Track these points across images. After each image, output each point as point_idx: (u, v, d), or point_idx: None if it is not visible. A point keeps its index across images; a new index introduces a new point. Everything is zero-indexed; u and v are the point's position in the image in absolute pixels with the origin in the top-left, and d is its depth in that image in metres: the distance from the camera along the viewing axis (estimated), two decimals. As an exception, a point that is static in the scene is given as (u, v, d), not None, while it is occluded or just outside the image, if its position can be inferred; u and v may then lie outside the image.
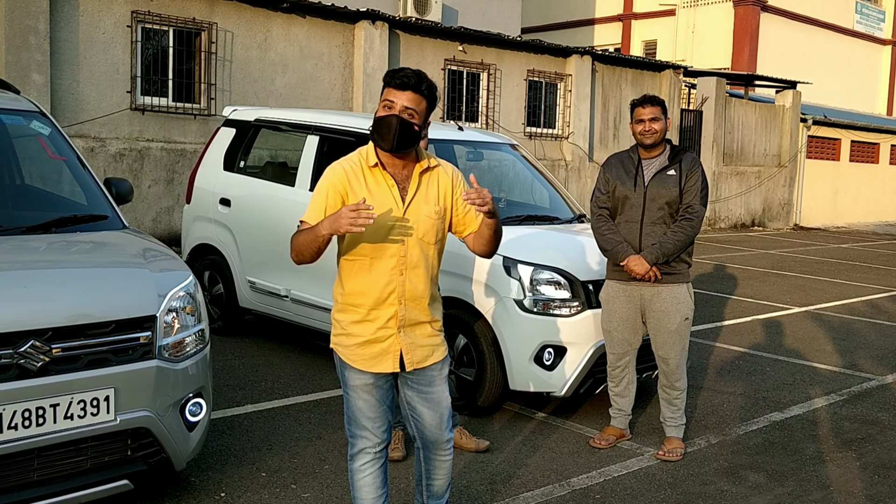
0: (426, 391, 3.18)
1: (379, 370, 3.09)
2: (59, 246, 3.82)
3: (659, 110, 4.65)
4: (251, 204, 6.73)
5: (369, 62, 12.99)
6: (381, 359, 3.09)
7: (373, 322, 3.07)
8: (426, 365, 3.16)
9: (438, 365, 3.20)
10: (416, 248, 3.07)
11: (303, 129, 6.64)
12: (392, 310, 3.07)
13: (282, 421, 5.07)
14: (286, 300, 6.37)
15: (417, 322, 3.12)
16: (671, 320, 4.67)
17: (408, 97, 2.98)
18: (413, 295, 3.08)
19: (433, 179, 3.14)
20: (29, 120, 4.42)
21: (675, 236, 4.59)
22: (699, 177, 4.64)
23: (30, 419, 3.12)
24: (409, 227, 3.05)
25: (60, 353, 3.19)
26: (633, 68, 17.53)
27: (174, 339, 3.59)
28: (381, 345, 3.08)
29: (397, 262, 3.05)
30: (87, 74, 10.49)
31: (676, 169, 4.66)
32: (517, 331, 5.09)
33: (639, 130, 4.68)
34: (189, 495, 3.97)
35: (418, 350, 3.13)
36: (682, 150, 4.75)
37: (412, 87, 2.98)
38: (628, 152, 4.84)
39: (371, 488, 3.18)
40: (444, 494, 3.38)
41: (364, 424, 3.14)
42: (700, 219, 4.64)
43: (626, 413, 4.99)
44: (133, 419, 3.38)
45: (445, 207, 3.14)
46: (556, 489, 4.29)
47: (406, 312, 3.09)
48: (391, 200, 3.05)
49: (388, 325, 3.07)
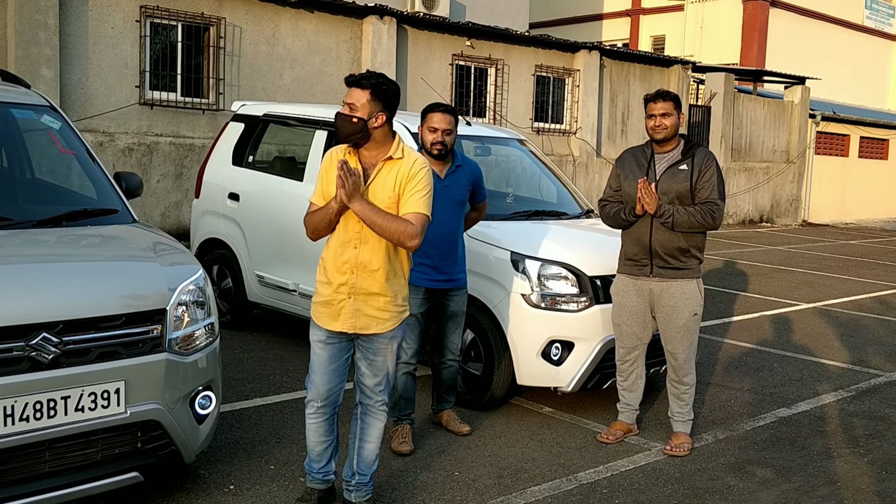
0: (371, 358, 3.65)
1: (328, 328, 3.58)
2: (70, 240, 3.84)
3: (671, 105, 4.65)
4: (260, 198, 6.75)
5: (377, 57, 12.99)
6: (333, 318, 3.58)
7: (330, 285, 3.58)
8: (369, 333, 3.58)
9: (385, 337, 3.62)
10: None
11: (311, 124, 6.66)
12: (344, 277, 3.55)
13: (290, 414, 5.09)
14: (294, 294, 6.39)
15: (370, 293, 3.55)
16: (680, 315, 4.68)
17: (350, 93, 3.52)
18: (365, 267, 3.53)
19: (394, 169, 3.55)
20: (40, 114, 4.44)
21: (692, 213, 4.57)
22: (714, 171, 4.63)
23: (41, 411, 3.14)
24: None
25: (72, 345, 3.21)
26: (642, 63, 17.49)
27: (184, 332, 3.61)
28: (335, 306, 3.57)
29: (353, 237, 3.53)
30: (95, 69, 10.53)
31: (689, 164, 4.65)
32: (525, 326, 5.10)
33: (650, 125, 4.69)
34: (198, 488, 3.99)
35: (363, 318, 3.56)
36: (695, 145, 4.75)
37: (354, 83, 3.53)
38: (642, 147, 4.86)
39: (315, 434, 3.72)
40: (373, 464, 3.77)
41: (313, 378, 3.66)
42: (721, 213, 4.63)
43: (634, 408, 5.00)
44: (143, 412, 3.40)
45: (392, 195, 3.53)
46: (564, 483, 4.30)
47: (357, 281, 3.53)
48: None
49: (340, 291, 3.55)
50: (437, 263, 4.63)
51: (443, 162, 4.68)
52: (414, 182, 3.54)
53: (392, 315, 3.61)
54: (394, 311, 3.61)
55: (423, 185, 3.56)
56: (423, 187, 3.56)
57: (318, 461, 3.78)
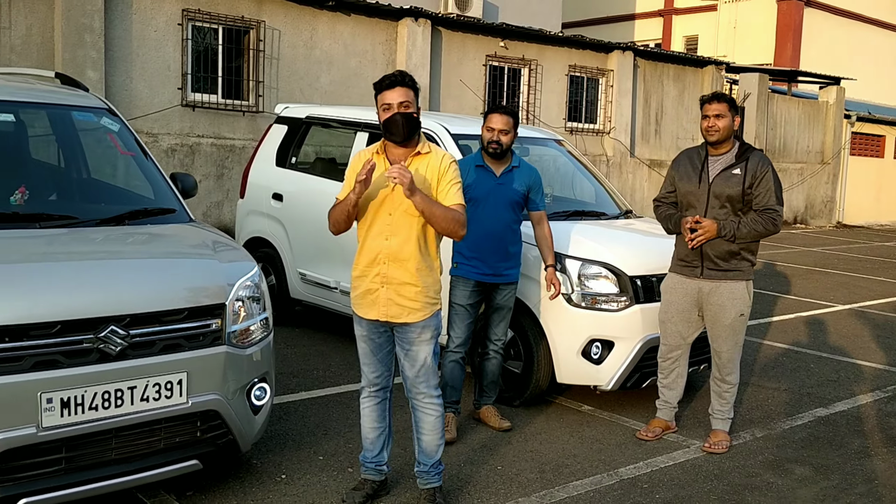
0: (406, 348, 3.77)
1: (366, 317, 3.76)
2: (134, 237, 4.01)
3: (726, 107, 4.70)
4: (302, 198, 6.90)
5: (412, 59, 13.13)
6: (370, 308, 3.74)
7: (365, 277, 3.74)
8: (401, 322, 3.71)
9: (417, 327, 3.73)
10: (402, 218, 3.66)
11: (352, 125, 6.81)
12: (377, 268, 3.70)
13: (334, 408, 5.23)
14: (336, 291, 6.53)
15: (402, 282, 3.68)
16: (727, 315, 4.74)
17: (399, 93, 3.62)
18: (396, 257, 3.67)
19: (423, 163, 3.71)
20: (99, 116, 4.62)
21: (754, 224, 4.63)
22: (770, 176, 4.66)
23: (109, 401, 3.30)
24: (396, 201, 3.64)
25: (138, 338, 3.37)
26: (675, 64, 17.46)
27: (241, 326, 3.76)
28: (371, 296, 3.73)
29: (384, 229, 3.68)
30: (139, 71, 10.77)
31: (742, 168, 4.69)
32: (565, 325, 5.19)
33: (704, 127, 4.75)
34: (252, 477, 4.14)
35: (395, 307, 3.70)
36: (749, 149, 4.77)
37: (399, 83, 3.63)
38: (697, 148, 4.93)
39: (368, 419, 3.93)
40: (435, 454, 3.87)
41: (362, 367, 3.89)
42: (781, 218, 4.69)
43: (673, 406, 5.07)
44: (203, 402, 3.55)
45: (430, 187, 3.67)
46: (605, 478, 4.39)
47: (388, 271, 3.67)
48: (384, 178, 3.63)
49: (375, 281, 3.71)
50: (487, 258, 4.78)
51: (499, 161, 4.84)
52: (448, 176, 3.69)
53: (423, 305, 3.72)
54: (424, 302, 3.73)
55: (457, 178, 3.74)
56: (458, 180, 3.74)
57: (371, 450, 3.93)
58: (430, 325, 3.77)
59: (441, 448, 3.89)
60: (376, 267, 3.70)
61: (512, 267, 4.95)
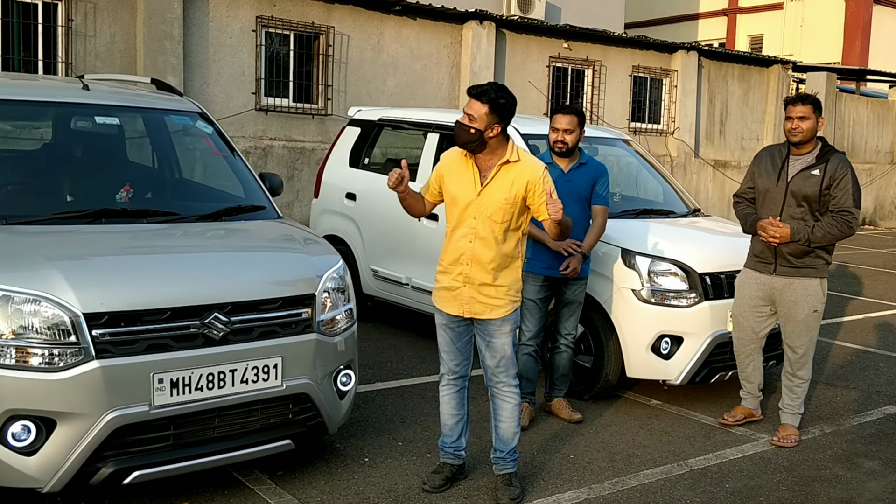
0: (488, 340, 3.98)
1: (448, 311, 3.99)
2: (230, 232, 4.29)
3: (810, 109, 4.77)
4: (375, 198, 7.14)
5: (476, 61, 13.32)
6: (451, 303, 3.98)
7: (449, 274, 3.97)
8: (483, 318, 3.93)
9: (497, 322, 3.94)
10: (485, 223, 3.88)
11: (424, 127, 7.03)
12: (460, 268, 3.92)
13: (410, 398, 5.45)
14: (407, 287, 6.76)
15: (482, 282, 3.90)
16: (800, 311, 4.83)
17: (470, 104, 3.87)
18: (478, 260, 3.88)
19: (512, 172, 3.89)
20: (194, 120, 4.93)
21: (829, 228, 4.70)
22: (849, 179, 4.72)
23: (213, 382, 3.56)
24: (481, 206, 3.87)
25: (238, 324, 3.63)
26: (741, 63, 17.31)
27: (328, 315, 4.00)
28: (452, 293, 3.96)
29: (468, 232, 3.90)
30: (215, 76, 11.19)
31: (821, 169, 4.75)
32: (635, 320, 5.32)
33: (787, 127, 4.84)
34: (337, 459, 4.38)
35: (477, 304, 3.93)
36: (831, 151, 4.82)
37: (475, 96, 3.86)
38: (780, 146, 5.02)
39: (447, 406, 4.14)
40: (512, 441, 4.06)
41: (442, 356, 4.11)
42: (856, 220, 4.74)
43: (756, 395, 5.20)
44: (296, 385, 3.80)
45: (517, 196, 3.86)
46: (675, 468, 4.52)
47: (471, 272, 3.89)
48: (471, 184, 3.91)
49: (457, 279, 3.94)
50: (556, 253, 4.93)
51: (567, 159, 5.01)
52: (540, 188, 3.86)
53: (503, 303, 3.93)
54: (505, 300, 3.93)
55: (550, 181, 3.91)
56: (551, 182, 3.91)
57: (450, 436, 4.13)
58: (510, 319, 3.97)
59: (517, 436, 4.07)
60: (459, 267, 3.92)
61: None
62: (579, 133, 5.01)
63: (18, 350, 3.26)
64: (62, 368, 3.27)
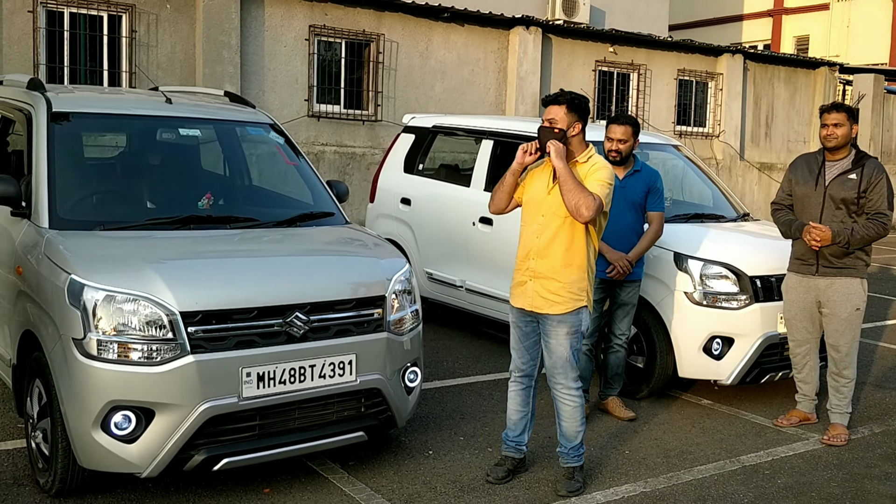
0: (546, 339, 4.20)
1: (517, 305, 4.25)
2: (306, 237, 4.57)
3: (844, 117, 4.98)
4: (429, 202, 7.40)
5: (522, 66, 13.53)
6: (519, 297, 4.23)
7: (520, 270, 4.22)
8: (542, 313, 4.13)
9: (555, 319, 4.11)
10: (552, 219, 4.10)
11: (478, 134, 7.26)
12: (528, 263, 4.17)
13: (467, 396, 5.68)
14: (461, 290, 7.00)
15: (546, 277, 4.10)
16: (843, 309, 4.99)
17: (549, 110, 4.15)
18: (543, 254, 4.10)
19: (581, 169, 4.14)
20: (268, 131, 5.22)
21: (865, 230, 4.90)
22: (884, 182, 4.93)
23: (294, 376, 3.82)
24: (550, 204, 4.10)
25: (316, 323, 3.89)
26: (786, 66, 17.27)
27: (397, 316, 4.24)
28: (521, 287, 4.21)
29: (536, 228, 4.14)
30: (270, 84, 11.56)
31: (858, 173, 4.96)
32: (687, 322, 5.50)
33: (823, 134, 5.03)
34: (403, 452, 4.63)
35: (539, 299, 4.14)
36: (865, 156, 5.04)
37: (551, 101, 4.16)
38: (815, 154, 5.21)
39: (513, 402, 4.37)
40: (575, 439, 4.24)
41: (512, 353, 4.35)
42: (890, 221, 4.94)
43: (811, 398, 5.36)
44: (369, 380, 4.05)
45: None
46: (728, 464, 4.68)
47: (537, 266, 4.12)
48: (544, 184, 4.16)
49: (525, 274, 4.18)
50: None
51: (622, 167, 5.21)
52: (596, 174, 4.07)
53: (564, 300, 4.09)
54: (566, 297, 4.09)
55: (603, 178, 4.07)
56: (603, 179, 4.07)
57: (514, 430, 4.36)
58: (567, 320, 4.11)
59: (581, 434, 4.26)
60: (528, 262, 4.17)
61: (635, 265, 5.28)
62: (634, 142, 5.21)
63: (120, 345, 3.55)
64: (161, 363, 3.55)
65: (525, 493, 4.22)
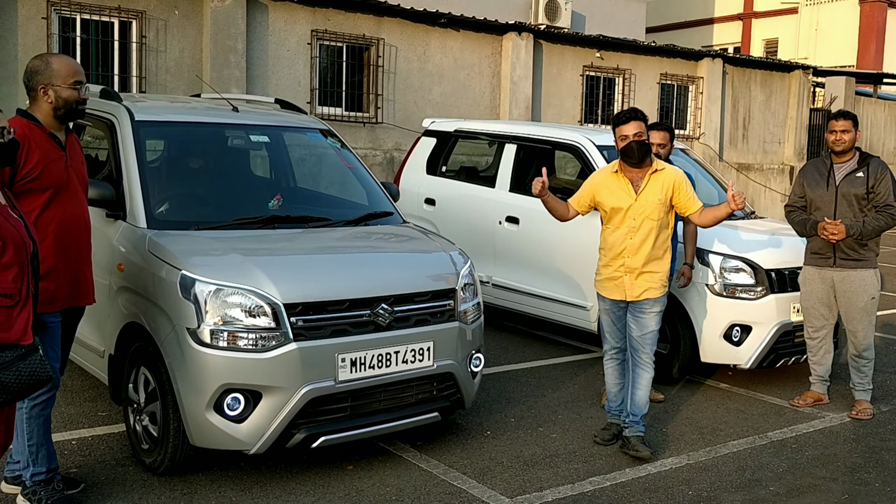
0: (638, 316, 4.79)
1: (612, 297, 4.82)
2: (377, 235, 4.94)
3: (850, 124, 5.50)
4: (453, 202, 7.79)
5: (516, 70, 13.97)
6: (614, 290, 4.82)
7: (610, 266, 4.79)
8: (640, 299, 4.72)
9: (650, 302, 4.75)
10: (644, 223, 4.71)
11: (501, 138, 7.67)
12: (622, 260, 4.74)
13: (506, 383, 6.08)
14: (488, 285, 7.39)
15: (641, 271, 4.72)
16: (859, 299, 5.49)
17: (633, 126, 4.66)
18: (637, 252, 4.71)
19: (659, 178, 4.76)
20: (325, 136, 5.56)
21: (876, 222, 5.41)
22: (889, 177, 5.46)
23: (381, 361, 4.19)
24: (640, 209, 4.71)
25: (399, 313, 4.27)
26: (762, 69, 17.94)
27: (464, 307, 4.63)
28: (615, 282, 4.79)
29: (629, 230, 4.72)
30: (274, 88, 11.83)
31: (864, 172, 5.48)
32: (709, 311, 5.96)
33: (832, 139, 5.53)
34: (463, 433, 5.02)
35: (636, 288, 4.74)
36: (869, 157, 5.57)
37: (632, 118, 4.67)
38: (822, 158, 5.71)
39: (611, 377, 5.01)
40: (643, 408, 4.82)
41: (605, 336, 4.99)
42: None
43: (824, 379, 5.85)
44: (444, 366, 4.44)
45: (667, 196, 4.74)
46: (757, 439, 5.15)
47: (630, 262, 4.72)
48: (626, 193, 4.74)
49: (619, 270, 4.76)
50: None
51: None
52: (683, 187, 4.77)
53: (656, 287, 4.76)
54: (657, 284, 4.76)
55: (690, 188, 4.80)
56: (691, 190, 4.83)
57: (615, 401, 5.02)
58: (660, 301, 4.79)
59: (647, 405, 4.86)
60: (621, 259, 4.75)
61: None
62: (670, 147, 5.66)
63: (230, 334, 3.90)
64: (267, 349, 3.91)
65: (584, 465, 4.63)
